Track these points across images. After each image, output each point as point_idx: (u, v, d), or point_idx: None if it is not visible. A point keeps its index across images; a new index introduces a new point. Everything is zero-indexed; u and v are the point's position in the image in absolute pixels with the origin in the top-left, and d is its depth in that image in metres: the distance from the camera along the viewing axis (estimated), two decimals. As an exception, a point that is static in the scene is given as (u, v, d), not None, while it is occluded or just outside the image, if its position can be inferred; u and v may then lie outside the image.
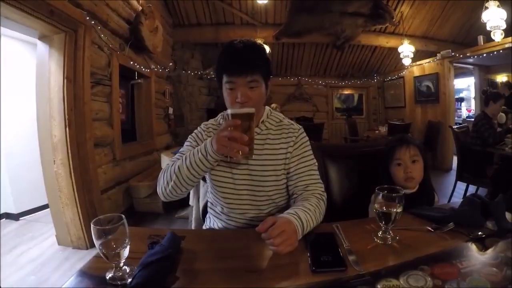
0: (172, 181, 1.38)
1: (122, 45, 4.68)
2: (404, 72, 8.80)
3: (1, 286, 2.03)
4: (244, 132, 1.21)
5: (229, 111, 1.29)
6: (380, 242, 1.16)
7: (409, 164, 1.64)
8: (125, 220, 0.98)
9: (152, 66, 5.96)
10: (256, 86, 1.41)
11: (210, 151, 1.27)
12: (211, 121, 1.68)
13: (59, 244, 3.67)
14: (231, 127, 1.21)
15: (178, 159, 1.46)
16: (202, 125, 1.65)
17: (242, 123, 1.21)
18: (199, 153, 1.32)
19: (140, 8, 5.17)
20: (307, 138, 1.59)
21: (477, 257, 1.05)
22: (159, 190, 1.48)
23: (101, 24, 4.04)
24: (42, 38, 3.51)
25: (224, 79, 1.43)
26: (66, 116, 3.45)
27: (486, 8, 5.25)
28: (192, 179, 1.37)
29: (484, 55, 6.27)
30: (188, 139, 1.62)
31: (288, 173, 1.53)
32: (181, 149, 1.58)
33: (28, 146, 4.55)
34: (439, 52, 7.29)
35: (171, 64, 7.39)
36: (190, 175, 1.35)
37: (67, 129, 3.46)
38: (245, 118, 1.23)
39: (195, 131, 1.64)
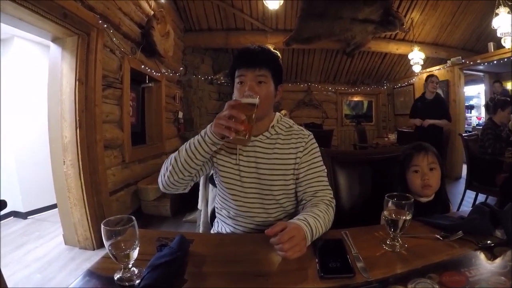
0: (171, 166, 1.41)
1: (133, 48, 4.72)
2: (414, 79, 8.77)
3: (6, 284, 2.04)
4: (246, 114, 1.24)
5: (234, 96, 1.33)
6: (389, 249, 1.15)
7: (426, 172, 1.61)
8: (135, 222, 0.99)
9: (163, 70, 6.00)
10: (265, 82, 1.45)
11: (208, 131, 1.32)
12: None
13: (66, 244, 3.70)
14: (231, 107, 1.25)
15: None
16: None
17: (243, 110, 1.24)
18: (199, 135, 1.36)
19: (152, 12, 5.21)
20: (316, 144, 1.59)
21: (486, 266, 1.04)
22: (159, 179, 1.51)
23: (113, 27, 4.08)
24: (55, 40, 3.56)
25: (236, 74, 1.48)
26: (77, 118, 3.49)
27: (497, 14, 5.22)
28: (189, 164, 1.39)
29: (495, 62, 6.23)
30: None
31: (297, 179, 1.53)
32: None
33: (39, 146, 4.63)
34: (449, 59, 7.26)
35: (181, 68, 7.43)
36: (188, 158, 1.37)
37: (78, 130, 3.50)
38: (248, 106, 1.27)
39: None
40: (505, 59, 5.88)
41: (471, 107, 10.98)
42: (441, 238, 1.21)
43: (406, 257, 1.10)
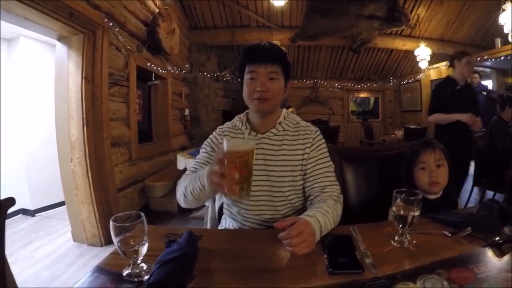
0: (184, 197, 1.41)
1: (139, 46, 4.74)
2: (420, 76, 8.72)
3: (15, 281, 2.07)
4: (240, 168, 1.09)
5: (224, 143, 1.16)
6: (397, 245, 1.15)
7: (433, 168, 1.58)
8: (144, 218, 0.99)
9: (169, 68, 6.02)
10: (276, 78, 1.46)
11: (205, 183, 1.23)
12: (227, 124, 1.69)
13: (74, 240, 3.73)
14: (223, 162, 1.09)
15: (195, 168, 1.53)
16: (217, 130, 1.67)
17: (238, 159, 1.09)
18: (199, 181, 1.29)
19: (157, 10, 5.22)
20: (323, 140, 1.59)
21: (494, 263, 1.03)
22: (178, 198, 1.51)
23: (119, 26, 4.10)
24: (61, 39, 3.57)
25: (246, 70, 1.48)
26: (84, 116, 3.50)
27: (503, 10, 5.15)
28: (199, 200, 1.39)
29: (502, 58, 6.16)
30: (203, 145, 1.64)
31: (304, 175, 1.53)
32: (197, 157, 1.61)
33: (46, 144, 4.68)
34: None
35: (187, 66, 7.46)
36: (195, 198, 1.37)
37: (85, 128, 3.51)
38: (241, 154, 1.11)
39: (210, 136, 1.66)
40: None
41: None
42: (450, 235, 1.20)
43: (415, 253, 1.09)
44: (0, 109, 4.47)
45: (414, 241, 1.16)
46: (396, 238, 1.18)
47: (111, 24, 3.84)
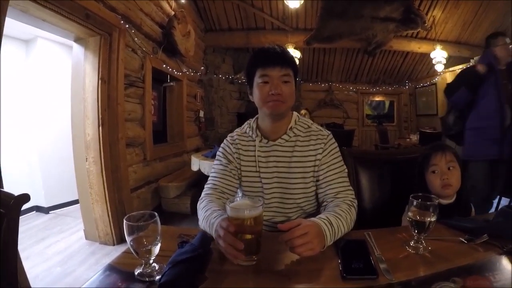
0: (203, 226, 1.32)
1: (155, 48, 4.77)
2: (436, 79, 8.59)
3: (27, 275, 2.10)
4: (248, 233, 1.07)
5: (227, 209, 1.10)
6: (412, 251, 1.13)
7: (445, 171, 1.56)
8: (157, 218, 0.99)
9: (184, 70, 6.05)
10: (289, 81, 1.45)
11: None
12: (237, 131, 1.68)
13: (86, 238, 3.78)
14: (225, 235, 1.03)
15: (214, 184, 1.51)
16: (228, 138, 1.65)
17: (243, 226, 1.06)
18: (210, 230, 1.23)
19: (173, 12, 5.26)
20: (336, 144, 1.57)
21: (511, 271, 1.00)
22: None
23: (135, 28, 4.14)
24: (78, 40, 3.63)
25: (258, 74, 1.46)
26: (100, 116, 3.55)
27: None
28: None
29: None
30: (217, 157, 1.63)
31: (317, 181, 1.51)
32: (214, 166, 1.60)
33: (62, 143, 4.76)
34: (473, 58, 7.06)
35: (202, 68, 7.49)
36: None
37: (100, 128, 3.55)
38: (244, 220, 1.06)
39: (222, 145, 1.65)
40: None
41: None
42: (466, 242, 1.18)
43: (430, 260, 1.07)
44: (16, 108, 4.55)
45: (430, 248, 1.13)
46: (411, 244, 1.16)
47: (127, 26, 3.88)
